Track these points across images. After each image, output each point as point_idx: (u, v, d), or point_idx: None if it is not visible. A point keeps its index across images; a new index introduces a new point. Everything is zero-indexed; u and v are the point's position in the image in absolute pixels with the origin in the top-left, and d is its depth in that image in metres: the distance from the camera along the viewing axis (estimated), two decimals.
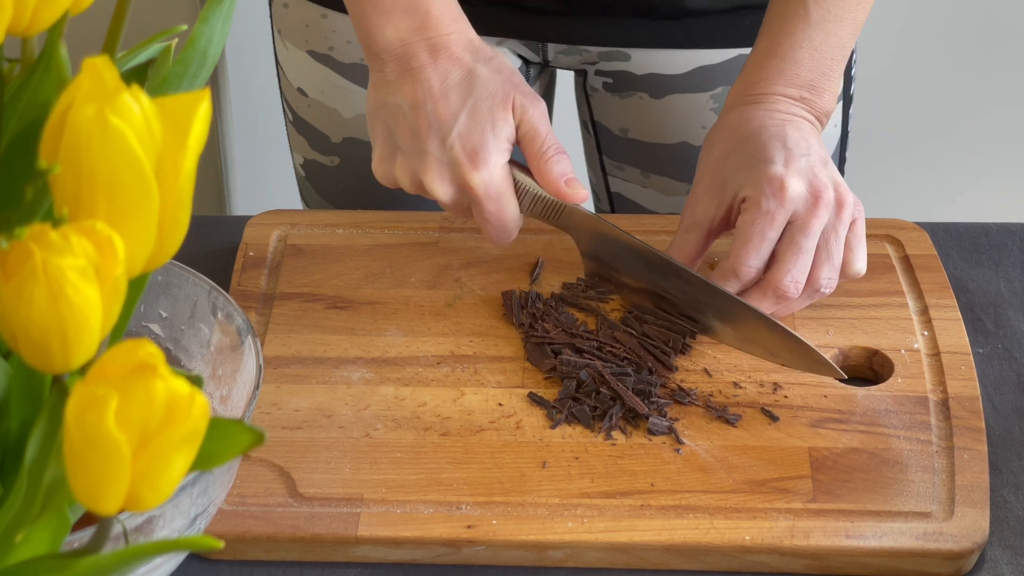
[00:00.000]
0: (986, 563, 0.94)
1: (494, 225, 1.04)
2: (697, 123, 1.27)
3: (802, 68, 1.07)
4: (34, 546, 0.63)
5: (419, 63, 1.03)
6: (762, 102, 1.07)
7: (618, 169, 1.33)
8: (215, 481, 0.80)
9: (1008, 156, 2.25)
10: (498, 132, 1.02)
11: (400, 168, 1.04)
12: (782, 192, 1.01)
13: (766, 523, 0.94)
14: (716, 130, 1.08)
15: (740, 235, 1.02)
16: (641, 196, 1.32)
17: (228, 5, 0.72)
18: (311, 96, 1.30)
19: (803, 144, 1.04)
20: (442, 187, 1.03)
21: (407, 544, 0.93)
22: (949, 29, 2.15)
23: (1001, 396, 1.05)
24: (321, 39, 1.26)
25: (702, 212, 1.06)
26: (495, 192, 1.02)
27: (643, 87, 1.26)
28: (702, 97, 1.25)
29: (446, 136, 1.02)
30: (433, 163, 1.02)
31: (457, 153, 1.01)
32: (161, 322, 0.94)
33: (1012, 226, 1.20)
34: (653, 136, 1.29)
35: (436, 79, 1.02)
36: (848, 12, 1.07)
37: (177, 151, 0.55)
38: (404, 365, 1.05)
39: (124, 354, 0.54)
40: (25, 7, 0.59)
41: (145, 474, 0.54)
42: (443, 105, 1.02)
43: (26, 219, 0.62)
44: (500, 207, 1.03)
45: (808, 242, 1.01)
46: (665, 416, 1.00)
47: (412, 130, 1.03)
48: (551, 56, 1.27)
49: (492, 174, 1.02)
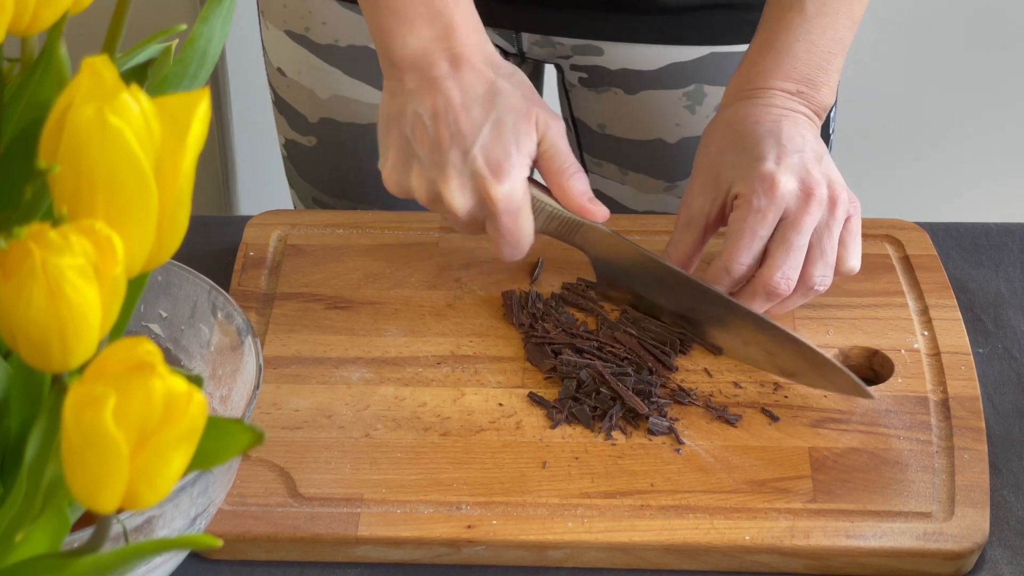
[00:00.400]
0: (986, 563, 0.94)
1: (508, 241, 1.03)
2: (671, 120, 1.27)
3: (799, 62, 1.07)
4: (34, 545, 0.63)
5: (440, 73, 1.02)
6: (759, 97, 1.07)
7: (598, 165, 1.33)
8: (215, 481, 0.80)
9: (1008, 156, 2.25)
10: (521, 147, 1.02)
11: (417, 178, 1.03)
12: (773, 189, 1.01)
13: (766, 523, 0.94)
14: (713, 126, 1.08)
15: (731, 233, 1.02)
16: (619, 193, 1.33)
17: (228, 5, 0.72)
18: (289, 76, 1.31)
19: (798, 140, 1.03)
20: (461, 199, 1.02)
21: (407, 544, 0.93)
22: (950, 28, 2.15)
23: (1001, 396, 1.05)
24: (298, 19, 1.27)
25: (697, 208, 1.05)
26: (515, 207, 1.02)
27: (617, 82, 1.26)
28: (675, 94, 1.25)
29: (468, 148, 1.01)
30: (454, 174, 1.01)
31: (479, 166, 1.01)
32: (161, 322, 0.94)
33: (1012, 226, 1.20)
34: (629, 132, 1.29)
35: (457, 90, 1.02)
36: (844, 5, 1.07)
37: (176, 151, 0.55)
38: (404, 365, 1.05)
39: (122, 352, 0.54)
40: (25, 7, 0.59)
41: (143, 472, 0.54)
42: (465, 117, 1.01)
43: (25, 219, 0.62)
44: (518, 222, 1.02)
45: (799, 239, 1.01)
46: (665, 416, 1.00)
47: (432, 140, 1.02)
48: (526, 47, 1.27)
49: (514, 188, 1.01)
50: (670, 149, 1.28)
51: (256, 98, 2.13)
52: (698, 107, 1.26)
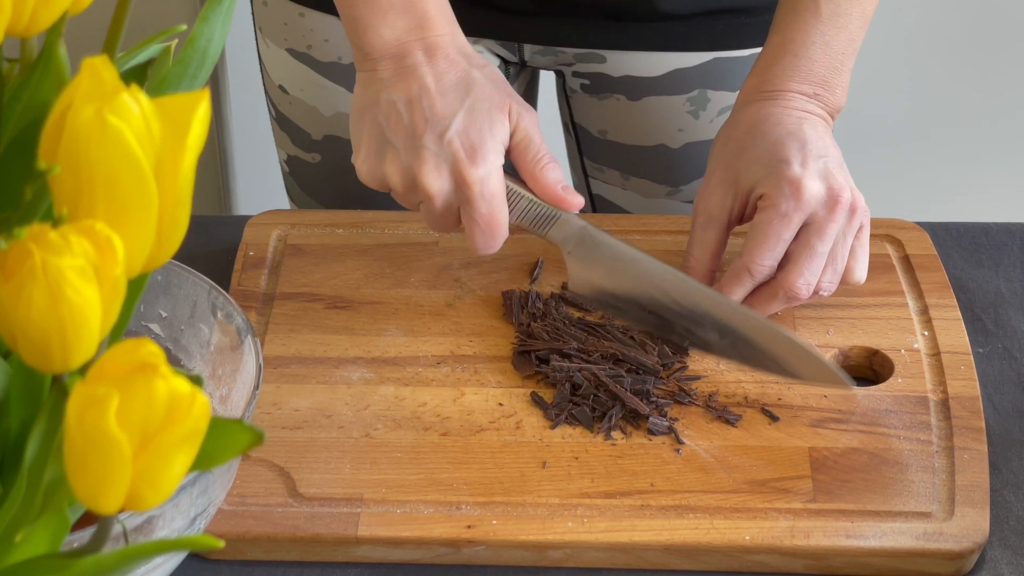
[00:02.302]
0: (986, 563, 0.94)
1: (483, 229, 1.02)
2: (674, 126, 1.27)
3: (815, 64, 1.07)
4: (34, 546, 0.63)
5: (415, 61, 1.03)
6: (777, 99, 1.06)
7: (598, 171, 1.33)
8: (215, 481, 0.80)
9: (1008, 156, 2.25)
10: (495, 134, 1.02)
11: (391, 165, 1.03)
12: (800, 194, 1.01)
13: (766, 523, 0.94)
14: (730, 124, 1.08)
15: (755, 234, 1.02)
16: (621, 198, 1.32)
17: (228, 5, 0.72)
18: (291, 93, 1.30)
19: (820, 144, 1.03)
20: (437, 182, 1.01)
21: (407, 544, 0.93)
22: (950, 28, 2.15)
23: (1001, 396, 1.05)
24: (299, 37, 1.27)
25: (717, 204, 1.05)
26: (490, 192, 1.01)
27: (620, 89, 1.26)
28: (678, 100, 1.25)
29: (444, 132, 1.01)
30: (429, 157, 1.01)
31: (456, 148, 1.01)
32: (161, 322, 0.94)
33: (1012, 226, 1.20)
34: (631, 138, 1.28)
35: (432, 77, 1.02)
36: (857, 5, 1.07)
37: (176, 151, 0.55)
38: (404, 365, 1.05)
39: (125, 353, 0.54)
40: (24, 7, 0.59)
41: (146, 473, 0.54)
42: (440, 102, 1.01)
43: (25, 219, 0.62)
44: (492, 209, 1.01)
45: (823, 245, 1.01)
46: (665, 416, 1.00)
47: (407, 127, 1.02)
48: (527, 56, 1.27)
49: (490, 173, 1.01)
50: (673, 154, 1.28)
51: (256, 98, 2.12)
52: (702, 112, 1.25)
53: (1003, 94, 2.20)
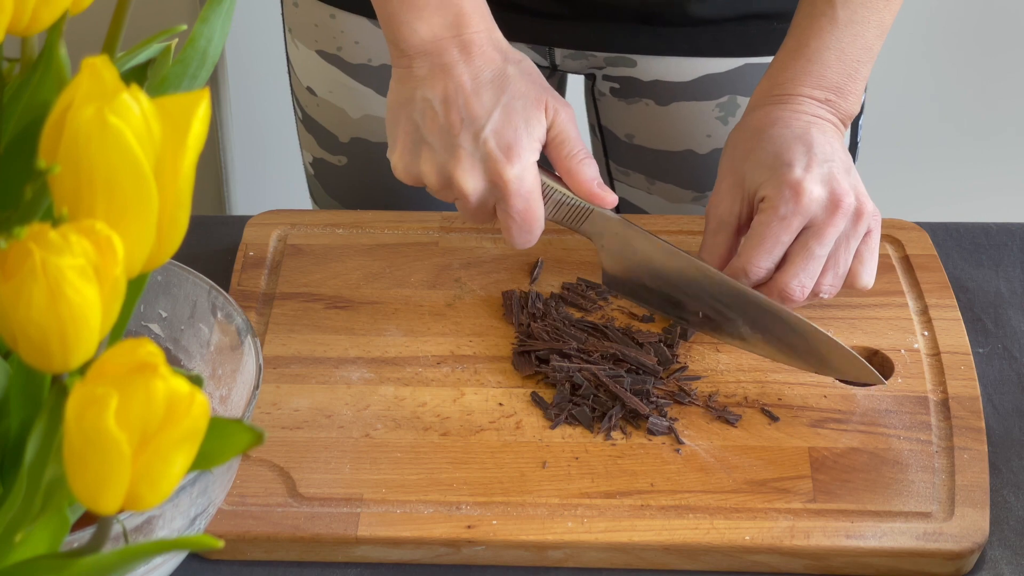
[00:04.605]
0: (986, 563, 0.94)
1: (519, 224, 1.02)
2: (702, 131, 1.26)
3: (828, 70, 1.06)
4: (34, 546, 0.63)
5: (451, 59, 1.02)
6: (788, 103, 1.06)
7: (624, 175, 1.32)
8: (215, 481, 0.80)
9: (1008, 156, 2.25)
10: (532, 131, 1.02)
11: (427, 163, 1.03)
12: (800, 197, 1.00)
13: (766, 523, 0.94)
14: (740, 128, 1.08)
15: (754, 236, 1.02)
16: (646, 202, 1.32)
17: (228, 5, 0.72)
18: (320, 95, 1.30)
19: (827, 149, 1.03)
20: (472, 182, 1.01)
21: (407, 544, 0.93)
22: (950, 29, 2.15)
23: (1001, 396, 1.05)
24: (330, 39, 1.27)
25: (727, 209, 1.05)
26: (526, 189, 1.01)
27: (649, 94, 1.26)
28: (708, 105, 1.25)
29: (479, 131, 1.01)
30: (465, 156, 1.01)
31: (491, 148, 1.01)
32: (161, 322, 0.94)
33: (1012, 226, 1.20)
34: (658, 143, 1.28)
35: (468, 76, 1.02)
36: (875, 14, 1.07)
37: (176, 151, 0.55)
38: (404, 365, 1.05)
39: (124, 353, 0.54)
40: (25, 7, 0.59)
41: (145, 473, 0.54)
42: (476, 101, 1.01)
43: (26, 219, 0.62)
44: (529, 205, 1.02)
45: (821, 249, 1.01)
46: (665, 416, 1.00)
47: (443, 125, 1.02)
48: (559, 60, 1.27)
49: (525, 170, 1.01)
50: (700, 160, 1.27)
51: (256, 98, 2.13)
52: (731, 118, 1.25)
53: (1003, 94, 2.20)
